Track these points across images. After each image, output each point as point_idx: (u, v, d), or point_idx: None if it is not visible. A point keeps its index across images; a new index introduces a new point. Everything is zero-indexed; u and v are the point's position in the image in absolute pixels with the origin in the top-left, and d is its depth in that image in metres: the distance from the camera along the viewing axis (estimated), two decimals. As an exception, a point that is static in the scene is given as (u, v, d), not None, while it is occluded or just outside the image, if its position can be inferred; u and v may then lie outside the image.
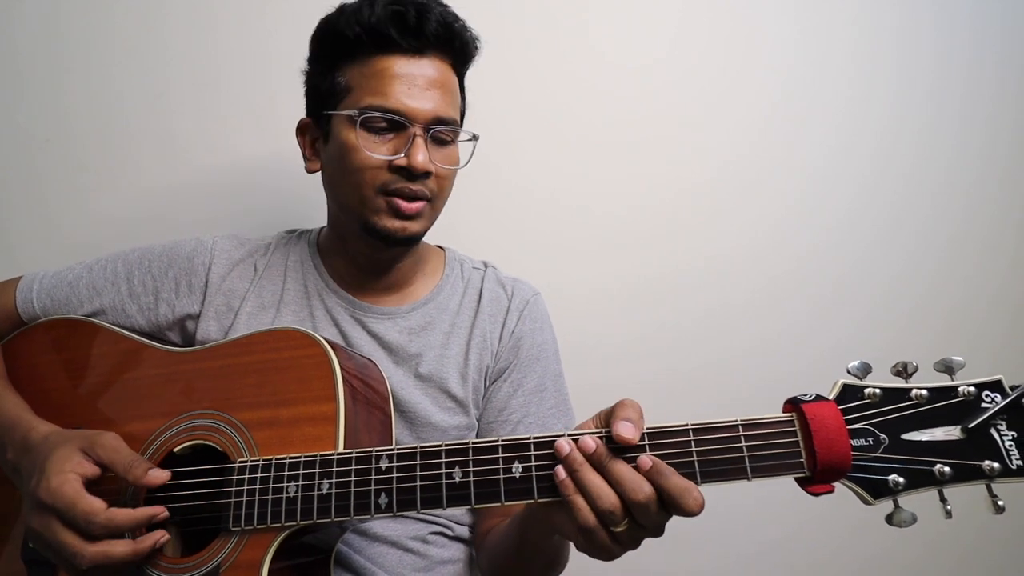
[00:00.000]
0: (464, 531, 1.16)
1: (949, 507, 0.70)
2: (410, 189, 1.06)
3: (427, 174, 1.06)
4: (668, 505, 0.74)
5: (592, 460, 0.76)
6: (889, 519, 0.72)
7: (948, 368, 0.73)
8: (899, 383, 0.74)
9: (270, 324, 1.14)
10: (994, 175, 1.70)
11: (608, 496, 0.74)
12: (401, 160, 1.04)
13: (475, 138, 1.15)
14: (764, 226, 1.65)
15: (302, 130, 1.18)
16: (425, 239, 1.25)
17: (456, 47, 1.11)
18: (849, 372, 0.75)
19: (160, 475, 0.89)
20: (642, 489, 0.74)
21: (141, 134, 1.53)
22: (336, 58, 1.10)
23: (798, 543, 1.62)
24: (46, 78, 1.52)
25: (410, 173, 1.05)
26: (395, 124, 1.05)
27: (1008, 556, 1.64)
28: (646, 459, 0.75)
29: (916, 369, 0.73)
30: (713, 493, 0.75)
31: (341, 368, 0.94)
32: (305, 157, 1.17)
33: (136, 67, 1.53)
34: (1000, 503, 0.69)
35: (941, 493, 0.71)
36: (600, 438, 0.77)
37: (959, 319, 1.68)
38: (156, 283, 1.16)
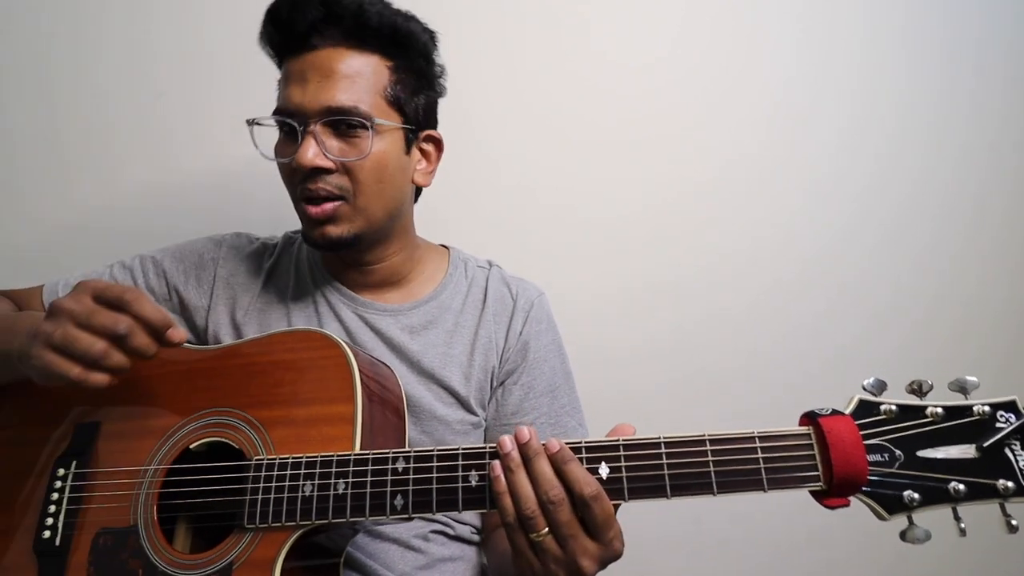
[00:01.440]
0: (465, 530, 1.17)
1: (963, 525, 0.71)
2: (309, 190, 1.02)
3: (319, 171, 1.01)
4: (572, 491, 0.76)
5: (524, 451, 0.79)
6: (903, 535, 0.73)
7: (962, 388, 0.74)
8: (914, 401, 0.76)
9: (279, 320, 1.15)
10: (1004, 176, 1.68)
11: (530, 499, 0.77)
12: (293, 163, 1.01)
13: (408, 128, 1.08)
14: (768, 227, 1.63)
15: None
16: (428, 238, 1.26)
17: (349, 26, 1.01)
18: (865, 389, 0.77)
19: (181, 334, 0.90)
20: (552, 487, 0.77)
21: (137, 134, 1.53)
22: None
23: (804, 549, 1.59)
24: (45, 78, 1.51)
25: (302, 173, 1.01)
26: (290, 126, 1.02)
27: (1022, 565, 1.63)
28: (554, 442, 0.79)
29: (931, 388, 0.75)
30: (719, 501, 0.76)
31: (359, 370, 0.94)
32: None
33: (135, 67, 1.52)
34: (1014, 523, 0.70)
35: (955, 511, 0.72)
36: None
37: (968, 323, 1.66)
38: (169, 276, 1.20)
